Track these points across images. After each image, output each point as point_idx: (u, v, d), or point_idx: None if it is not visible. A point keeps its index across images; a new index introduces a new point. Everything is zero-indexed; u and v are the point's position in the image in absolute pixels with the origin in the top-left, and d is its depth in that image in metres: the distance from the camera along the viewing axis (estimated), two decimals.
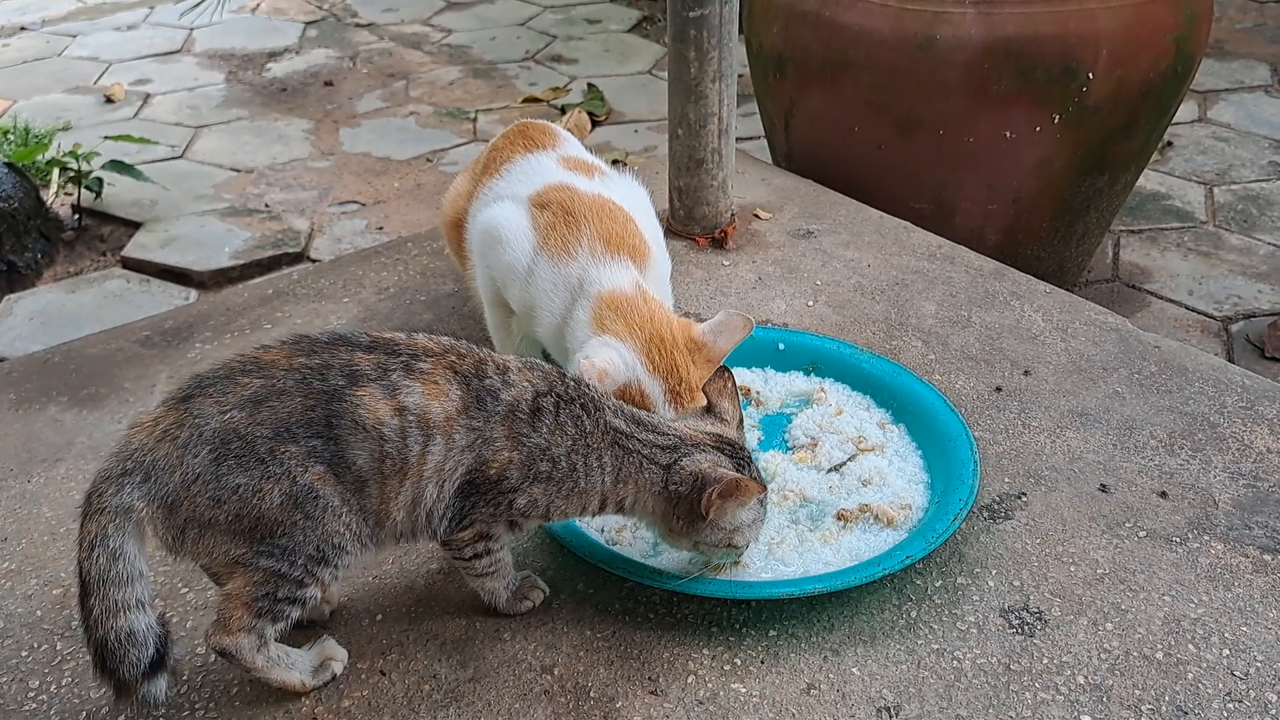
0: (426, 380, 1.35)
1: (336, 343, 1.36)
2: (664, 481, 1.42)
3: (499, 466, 1.36)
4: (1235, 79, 4.43)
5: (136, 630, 1.27)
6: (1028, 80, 2.60)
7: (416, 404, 1.33)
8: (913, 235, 2.58)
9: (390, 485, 1.34)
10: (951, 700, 1.44)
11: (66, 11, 5.76)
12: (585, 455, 1.40)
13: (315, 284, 2.44)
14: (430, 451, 1.34)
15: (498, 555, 1.48)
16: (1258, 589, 1.61)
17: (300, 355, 1.34)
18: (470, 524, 1.41)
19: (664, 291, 1.90)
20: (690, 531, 1.45)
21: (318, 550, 1.32)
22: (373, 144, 4.19)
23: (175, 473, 1.27)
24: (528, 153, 1.97)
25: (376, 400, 1.32)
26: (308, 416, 1.30)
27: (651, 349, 1.64)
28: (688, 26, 2.34)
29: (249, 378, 1.31)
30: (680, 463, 1.43)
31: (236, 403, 1.29)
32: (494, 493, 1.38)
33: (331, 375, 1.32)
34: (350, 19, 5.58)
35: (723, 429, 1.50)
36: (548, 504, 1.41)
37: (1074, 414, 1.96)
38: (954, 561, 1.65)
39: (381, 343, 1.38)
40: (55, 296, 3.18)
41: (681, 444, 1.44)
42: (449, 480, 1.36)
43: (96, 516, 1.27)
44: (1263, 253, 3.26)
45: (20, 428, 1.99)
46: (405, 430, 1.32)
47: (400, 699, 1.44)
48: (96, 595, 1.26)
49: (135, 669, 1.27)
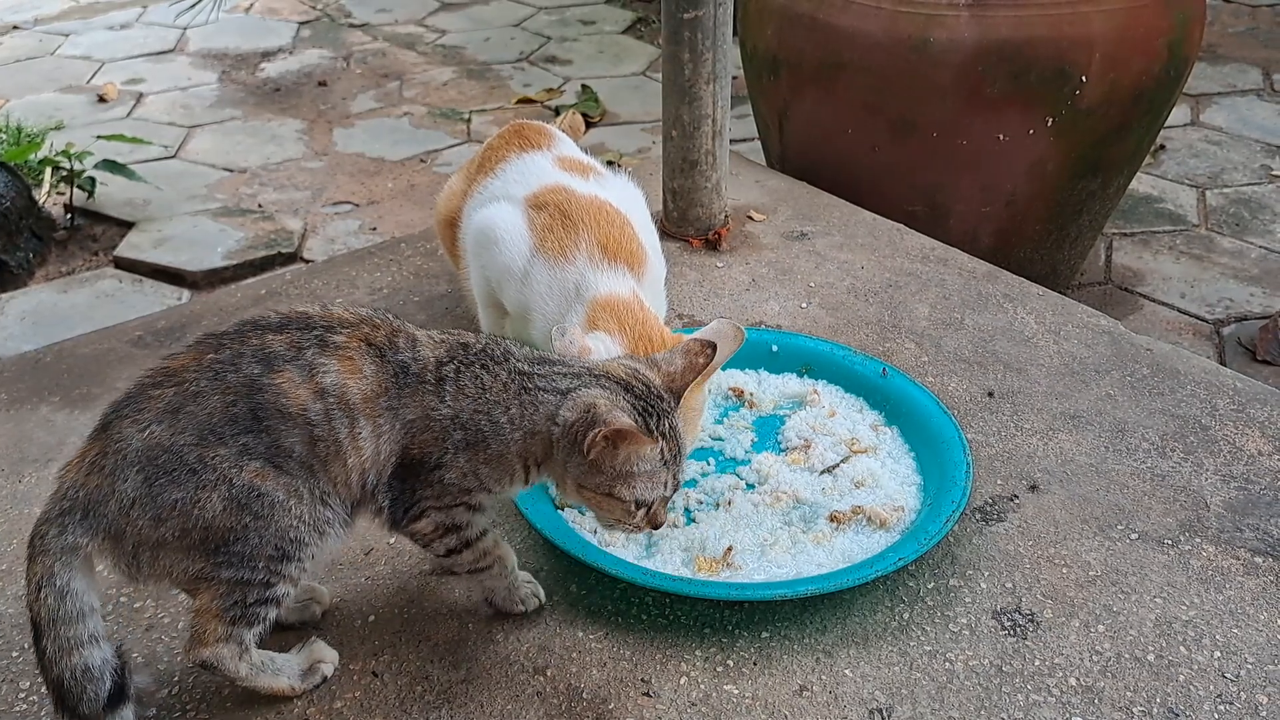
0: (342, 356, 1.29)
1: (245, 330, 1.30)
2: (556, 409, 1.31)
3: (419, 447, 1.31)
4: (1228, 83, 4.45)
5: (92, 666, 1.25)
6: (1021, 83, 2.61)
7: (334, 383, 1.27)
8: (906, 237, 2.58)
9: (334, 468, 1.29)
10: (943, 702, 1.44)
11: (59, 10, 5.75)
12: (490, 412, 1.31)
13: (308, 284, 2.43)
14: (359, 435, 1.28)
15: (481, 547, 1.42)
16: (1249, 591, 1.61)
17: (209, 352, 1.28)
18: (422, 513, 1.35)
19: (659, 295, 1.89)
20: (571, 468, 1.33)
21: (276, 549, 1.28)
22: (366, 144, 4.18)
23: (110, 502, 1.24)
24: (523, 152, 1.96)
25: (296, 385, 1.26)
26: (230, 413, 1.24)
27: (638, 346, 1.62)
28: (682, 28, 2.34)
29: (161, 389, 1.27)
30: (578, 391, 1.31)
31: (153, 417, 1.25)
32: (423, 472, 1.32)
33: (244, 364, 1.26)
34: (344, 19, 5.58)
35: (650, 372, 1.38)
36: (476, 473, 1.33)
37: (1066, 416, 1.97)
38: (946, 563, 1.65)
39: (293, 318, 1.32)
40: (47, 296, 3.17)
41: (587, 374, 1.35)
42: (385, 466, 1.31)
43: (41, 558, 1.25)
44: (1254, 256, 3.27)
45: (12, 428, 1.99)
46: (329, 413, 1.27)
47: (392, 700, 1.44)
48: (48, 635, 1.24)
49: (94, 704, 1.25)
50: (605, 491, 1.34)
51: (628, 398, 1.32)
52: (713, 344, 1.44)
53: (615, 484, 1.33)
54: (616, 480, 1.33)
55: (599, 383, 1.33)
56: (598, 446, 1.28)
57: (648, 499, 1.36)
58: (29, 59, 5.10)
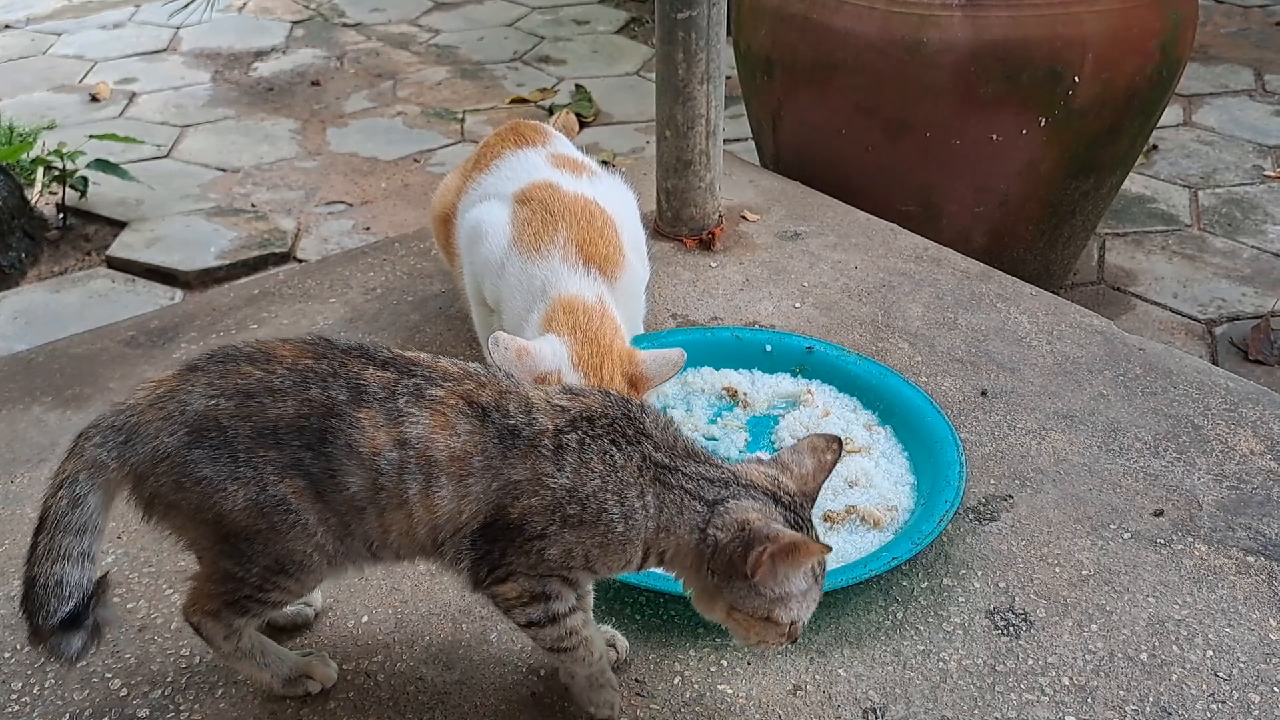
0: (435, 411, 1.21)
1: (352, 352, 1.25)
2: (705, 523, 1.22)
3: (519, 511, 1.21)
4: (1220, 83, 4.46)
5: (66, 582, 1.22)
6: (1014, 83, 2.61)
7: (419, 436, 1.20)
8: (899, 237, 2.58)
9: (391, 517, 1.23)
10: (937, 701, 1.44)
11: (51, 10, 5.73)
12: (619, 494, 1.21)
13: (302, 284, 2.43)
14: (436, 493, 1.21)
15: (569, 624, 1.29)
16: (1241, 590, 1.61)
17: (309, 357, 1.24)
18: (509, 576, 1.25)
19: (636, 300, 1.88)
20: (725, 592, 1.24)
21: (276, 563, 1.25)
22: (360, 144, 4.18)
23: (149, 444, 1.21)
24: (518, 149, 1.96)
25: (376, 426, 1.20)
26: (299, 424, 1.20)
27: (585, 347, 1.60)
28: (676, 28, 2.34)
29: (251, 366, 1.22)
30: (727, 503, 1.22)
31: (228, 390, 1.21)
32: (520, 539, 1.22)
33: (334, 386, 1.21)
34: (338, 19, 5.57)
35: (784, 477, 1.29)
36: (585, 554, 1.23)
37: (1059, 416, 1.97)
38: (940, 563, 1.66)
39: (398, 360, 1.25)
40: (40, 296, 3.16)
41: (734, 482, 1.25)
42: (467, 525, 1.23)
43: (74, 460, 1.23)
44: (1246, 256, 3.28)
45: (4, 428, 1.98)
46: (404, 465, 1.20)
47: (386, 701, 1.44)
48: (45, 534, 1.22)
49: (48, 619, 1.21)
50: (763, 616, 1.24)
51: (778, 509, 1.24)
52: (838, 439, 1.34)
53: (774, 606, 1.23)
54: (776, 603, 1.23)
55: (748, 493, 1.24)
56: (764, 566, 1.19)
57: (804, 618, 1.26)
58: (21, 58, 5.09)
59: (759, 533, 1.19)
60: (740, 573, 1.21)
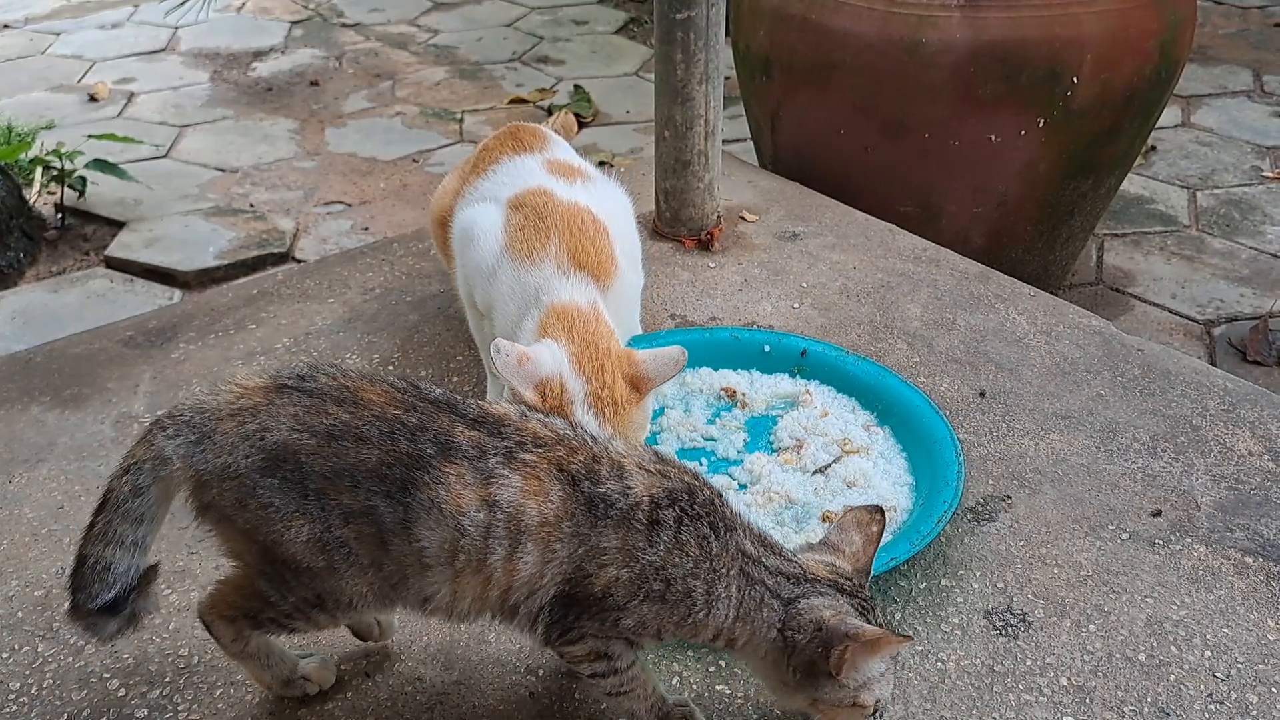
0: (528, 475, 1.19)
1: (441, 405, 1.23)
2: (781, 623, 1.23)
3: (604, 583, 1.20)
4: (1218, 84, 4.46)
5: (114, 567, 1.23)
6: (1013, 84, 2.61)
7: (511, 500, 1.18)
8: (898, 238, 2.59)
9: (464, 581, 1.21)
10: (935, 702, 1.44)
11: (50, 9, 5.73)
12: (708, 581, 1.21)
13: (300, 284, 2.43)
14: (521, 558, 1.19)
15: (628, 674, 1.30)
16: (1239, 591, 1.62)
17: (398, 407, 1.21)
18: (580, 639, 1.25)
19: (630, 307, 1.88)
20: (808, 688, 1.25)
21: (317, 597, 1.25)
22: (359, 144, 4.18)
23: (221, 458, 1.20)
24: (515, 154, 1.97)
25: (464, 484, 1.18)
26: (381, 473, 1.18)
27: (584, 351, 1.60)
28: (674, 28, 2.34)
29: (339, 409, 1.21)
30: (800, 604, 1.24)
31: (313, 426, 1.20)
32: (598, 608, 1.22)
33: (421, 440, 1.19)
34: (336, 19, 5.57)
35: (839, 560, 1.31)
36: (659, 626, 1.24)
37: (1058, 417, 1.97)
38: (938, 563, 1.66)
39: (488, 418, 1.23)
40: (38, 296, 3.16)
41: (804, 577, 1.26)
42: (545, 590, 1.22)
43: (144, 447, 1.23)
44: (1245, 257, 3.29)
45: (2, 428, 1.98)
46: (490, 528, 1.18)
47: (384, 701, 1.44)
48: (103, 516, 1.23)
49: (90, 601, 1.24)
50: (850, 703, 1.26)
51: (846, 599, 1.26)
52: (880, 509, 1.36)
53: (859, 693, 1.26)
54: (860, 689, 1.25)
55: (817, 590, 1.26)
56: (846, 663, 1.21)
57: (887, 694, 1.29)
58: (19, 58, 5.09)
59: (837, 631, 1.21)
60: (823, 671, 1.22)
